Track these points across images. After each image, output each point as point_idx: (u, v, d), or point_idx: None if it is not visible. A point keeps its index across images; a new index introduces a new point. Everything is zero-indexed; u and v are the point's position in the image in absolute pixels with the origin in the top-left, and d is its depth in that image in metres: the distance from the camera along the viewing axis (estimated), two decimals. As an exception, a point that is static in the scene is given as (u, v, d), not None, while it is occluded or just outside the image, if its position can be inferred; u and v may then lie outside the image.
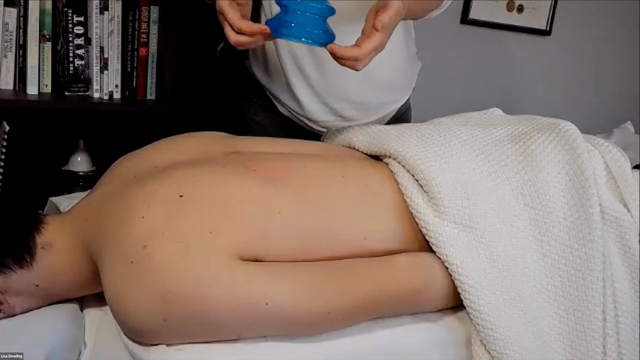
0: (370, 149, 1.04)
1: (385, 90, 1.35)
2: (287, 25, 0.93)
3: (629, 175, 1.01)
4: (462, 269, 0.88)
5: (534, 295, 0.90)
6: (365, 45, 0.94)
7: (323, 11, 0.93)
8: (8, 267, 0.85)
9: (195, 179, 0.86)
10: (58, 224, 0.90)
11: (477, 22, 2.35)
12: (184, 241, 0.78)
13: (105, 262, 0.82)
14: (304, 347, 0.82)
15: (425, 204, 0.93)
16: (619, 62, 2.62)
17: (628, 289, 0.95)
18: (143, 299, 0.77)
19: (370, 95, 1.33)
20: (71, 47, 1.64)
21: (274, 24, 0.94)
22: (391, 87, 1.37)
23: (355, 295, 0.84)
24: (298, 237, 0.86)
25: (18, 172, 1.53)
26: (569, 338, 0.89)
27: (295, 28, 0.92)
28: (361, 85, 1.28)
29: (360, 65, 0.97)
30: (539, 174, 0.96)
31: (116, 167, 1.00)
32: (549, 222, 0.94)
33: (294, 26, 0.92)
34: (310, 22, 0.93)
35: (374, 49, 0.95)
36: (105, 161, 1.08)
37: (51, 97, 1.64)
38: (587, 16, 2.50)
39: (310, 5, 0.92)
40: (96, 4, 1.64)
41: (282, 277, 0.81)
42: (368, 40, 0.95)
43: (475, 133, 1.04)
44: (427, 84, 1.55)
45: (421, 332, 0.89)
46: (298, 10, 0.92)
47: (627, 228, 0.97)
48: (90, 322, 0.91)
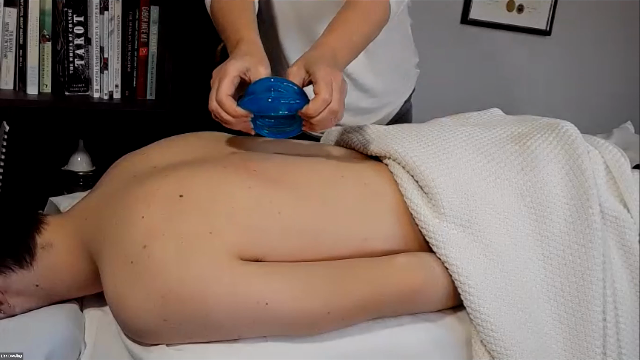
0: (370, 149, 1.04)
1: (379, 96, 1.36)
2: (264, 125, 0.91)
3: (629, 175, 1.01)
4: (462, 269, 0.88)
5: (534, 295, 0.90)
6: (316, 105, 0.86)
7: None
8: (8, 267, 0.85)
9: (195, 179, 0.86)
10: (58, 224, 0.90)
11: (477, 22, 2.34)
12: (184, 241, 0.78)
13: (105, 262, 0.82)
14: (303, 347, 0.82)
15: (425, 204, 0.93)
16: (619, 62, 2.62)
17: (628, 289, 0.95)
18: (143, 299, 0.77)
19: (365, 102, 1.34)
20: (71, 47, 1.64)
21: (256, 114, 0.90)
22: (385, 94, 1.37)
23: (355, 295, 0.84)
24: (298, 238, 0.86)
25: (18, 172, 1.53)
26: (569, 338, 0.89)
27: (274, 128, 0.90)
28: (356, 93, 1.29)
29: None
30: (539, 174, 0.96)
31: (116, 167, 1.00)
32: (549, 222, 0.94)
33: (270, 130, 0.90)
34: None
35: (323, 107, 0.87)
36: (105, 161, 1.08)
37: (51, 97, 1.64)
38: (587, 16, 2.50)
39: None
40: (96, 4, 1.64)
41: (282, 277, 0.81)
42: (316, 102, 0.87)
43: (475, 133, 1.04)
44: (427, 84, 1.55)
45: (421, 332, 0.89)
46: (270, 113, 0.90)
47: (627, 228, 0.97)
48: (90, 322, 0.91)
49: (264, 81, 0.91)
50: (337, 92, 0.87)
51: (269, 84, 0.90)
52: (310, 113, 0.86)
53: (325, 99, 0.85)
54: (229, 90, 0.89)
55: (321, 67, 0.88)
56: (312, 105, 0.86)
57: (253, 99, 0.89)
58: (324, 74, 0.87)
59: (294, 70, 0.90)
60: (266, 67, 0.93)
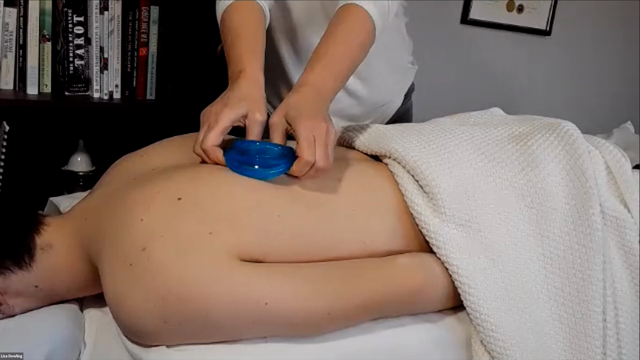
0: (370, 149, 1.04)
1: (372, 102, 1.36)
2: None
3: (629, 175, 1.01)
4: (462, 270, 0.88)
5: (534, 295, 0.90)
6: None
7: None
8: (7, 268, 0.84)
9: (194, 181, 0.86)
10: (58, 224, 0.90)
11: (477, 22, 2.34)
12: (183, 242, 0.78)
13: (105, 263, 0.82)
14: (304, 348, 0.82)
15: (425, 204, 0.92)
16: (619, 62, 2.62)
17: (628, 289, 0.95)
18: (143, 300, 0.77)
19: (357, 109, 1.35)
20: (71, 47, 1.64)
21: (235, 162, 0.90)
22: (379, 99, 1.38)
23: (356, 295, 0.84)
24: (297, 238, 0.86)
25: (18, 172, 1.53)
26: (569, 338, 0.89)
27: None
28: (349, 100, 1.31)
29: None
30: (540, 174, 0.96)
31: (115, 168, 1.00)
32: (549, 222, 0.94)
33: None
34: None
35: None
36: (105, 161, 1.08)
37: (51, 97, 1.64)
38: (587, 16, 2.50)
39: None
40: (96, 4, 1.64)
41: (282, 277, 0.81)
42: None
43: (475, 133, 1.04)
44: (427, 84, 1.55)
45: (421, 332, 0.89)
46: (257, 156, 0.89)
47: (628, 228, 0.97)
48: (90, 322, 0.91)
49: (251, 145, 0.91)
50: (320, 147, 0.86)
51: (256, 147, 0.90)
52: (295, 174, 0.87)
53: (308, 162, 0.86)
54: (217, 141, 0.89)
55: (302, 122, 0.87)
56: (296, 167, 0.87)
57: (239, 165, 0.89)
58: (304, 131, 0.86)
59: (276, 122, 0.90)
60: (262, 113, 0.92)
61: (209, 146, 0.88)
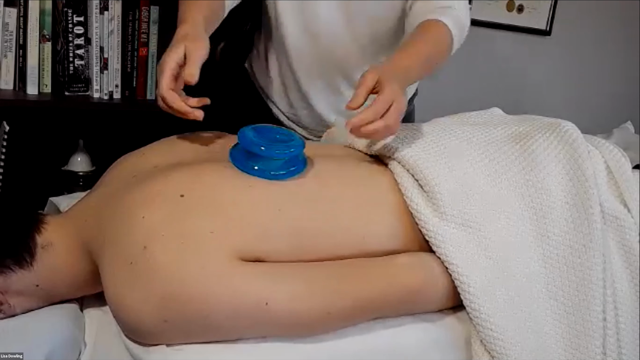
0: (370, 149, 1.04)
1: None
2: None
3: (629, 175, 1.01)
4: (462, 269, 0.88)
5: (534, 295, 0.90)
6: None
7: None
8: (8, 267, 0.85)
9: (196, 179, 0.86)
10: (58, 224, 0.90)
11: (477, 22, 2.34)
12: (185, 241, 0.78)
13: (105, 263, 0.82)
14: (304, 348, 0.82)
15: (425, 204, 0.93)
16: (619, 62, 2.62)
17: (628, 289, 0.95)
18: (143, 300, 0.77)
19: None
20: (71, 47, 1.64)
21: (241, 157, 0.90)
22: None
23: (356, 295, 0.84)
24: (298, 237, 0.86)
25: (18, 172, 1.53)
26: (569, 338, 0.89)
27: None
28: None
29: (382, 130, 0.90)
30: (540, 174, 0.96)
31: (116, 167, 1.00)
32: (549, 222, 0.94)
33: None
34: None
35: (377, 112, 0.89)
36: (105, 161, 1.08)
37: (51, 97, 1.64)
38: (587, 16, 2.50)
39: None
40: (96, 4, 1.64)
41: (282, 277, 0.81)
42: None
43: (475, 133, 1.04)
44: (427, 84, 1.55)
45: (421, 332, 0.89)
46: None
47: (627, 228, 0.97)
48: (90, 322, 0.91)
49: (256, 146, 0.89)
50: (395, 112, 0.89)
51: (262, 150, 0.88)
52: (355, 123, 0.88)
53: (369, 117, 0.87)
54: (170, 85, 0.92)
55: (390, 85, 0.90)
56: (362, 116, 0.88)
57: (243, 163, 0.89)
58: (389, 93, 0.89)
59: (367, 78, 0.91)
60: (201, 45, 0.95)
61: (164, 91, 0.91)
